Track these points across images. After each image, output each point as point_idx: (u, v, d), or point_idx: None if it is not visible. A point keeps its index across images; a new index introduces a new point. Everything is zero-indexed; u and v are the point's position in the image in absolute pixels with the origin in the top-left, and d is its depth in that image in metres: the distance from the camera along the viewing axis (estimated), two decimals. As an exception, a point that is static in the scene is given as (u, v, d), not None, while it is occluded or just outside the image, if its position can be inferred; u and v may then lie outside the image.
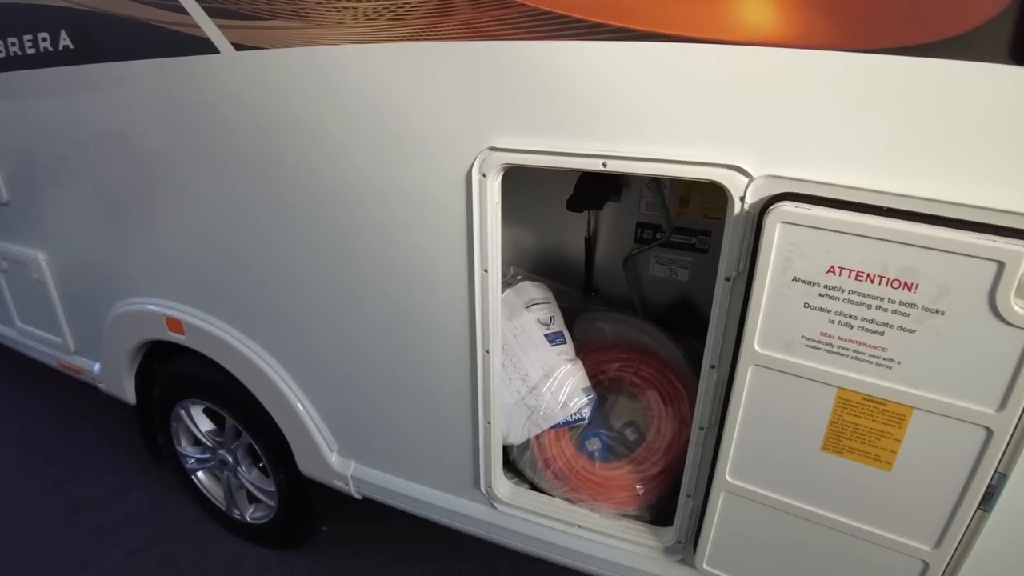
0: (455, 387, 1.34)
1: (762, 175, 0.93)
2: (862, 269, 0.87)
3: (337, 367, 1.52)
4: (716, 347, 1.07)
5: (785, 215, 0.89)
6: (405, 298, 1.31)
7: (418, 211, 1.21)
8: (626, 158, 1.00)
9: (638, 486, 1.35)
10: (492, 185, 1.11)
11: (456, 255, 1.21)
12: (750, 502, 1.10)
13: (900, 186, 0.86)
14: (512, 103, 1.05)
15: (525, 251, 1.77)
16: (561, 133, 1.03)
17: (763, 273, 0.93)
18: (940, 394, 0.89)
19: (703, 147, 0.96)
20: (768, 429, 1.03)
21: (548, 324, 1.44)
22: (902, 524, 0.99)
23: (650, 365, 1.42)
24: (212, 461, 2.08)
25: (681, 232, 1.59)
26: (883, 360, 0.90)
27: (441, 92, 1.09)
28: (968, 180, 0.84)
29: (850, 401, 0.95)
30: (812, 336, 0.94)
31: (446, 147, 1.13)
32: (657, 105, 0.96)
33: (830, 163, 0.90)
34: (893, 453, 0.95)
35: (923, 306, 0.85)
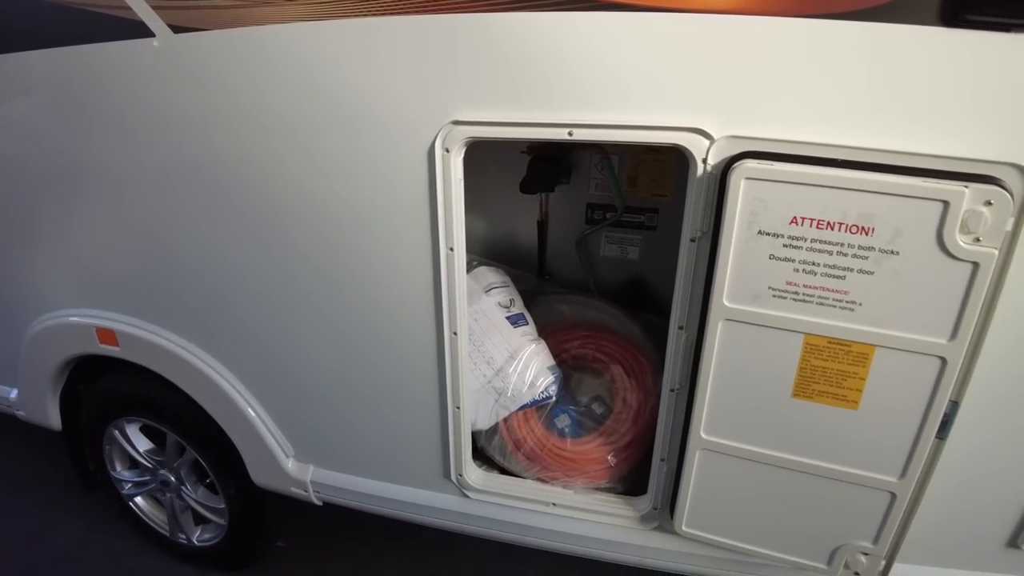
0: (422, 373, 1.33)
1: (723, 136, 0.98)
2: (823, 218, 0.92)
3: (291, 365, 1.47)
4: (683, 308, 1.10)
5: (749, 171, 0.93)
6: (367, 283, 1.29)
7: (380, 192, 1.19)
8: (591, 126, 1.02)
9: (610, 457, 1.37)
10: (455, 161, 1.11)
11: (420, 235, 1.20)
12: (726, 457, 1.14)
13: (853, 139, 0.92)
14: (474, 75, 1.05)
15: (478, 238, 1.77)
16: (525, 104, 1.05)
17: (729, 229, 0.97)
18: (899, 330, 0.95)
19: (665, 112, 1.00)
20: (740, 382, 1.07)
21: (508, 307, 1.45)
22: (870, 460, 1.06)
23: (611, 341, 1.45)
24: (152, 483, 1.96)
25: (630, 211, 1.64)
26: (846, 303, 0.96)
27: (400, 67, 1.08)
28: (913, 131, 0.91)
29: (817, 346, 1.00)
30: (778, 286, 0.98)
31: (408, 123, 1.12)
32: (619, 73, 0.99)
33: (787, 121, 0.95)
34: (859, 392, 1.01)
35: (880, 248, 0.91)
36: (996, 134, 0.89)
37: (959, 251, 0.88)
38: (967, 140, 0.90)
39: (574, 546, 1.42)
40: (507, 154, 1.58)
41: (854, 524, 1.13)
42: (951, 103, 0.90)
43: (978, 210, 0.86)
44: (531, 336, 1.43)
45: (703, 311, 1.05)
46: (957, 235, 0.88)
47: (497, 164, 1.61)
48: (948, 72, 0.89)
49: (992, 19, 0.85)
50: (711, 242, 1.01)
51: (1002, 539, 1.21)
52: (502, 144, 1.12)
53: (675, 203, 1.60)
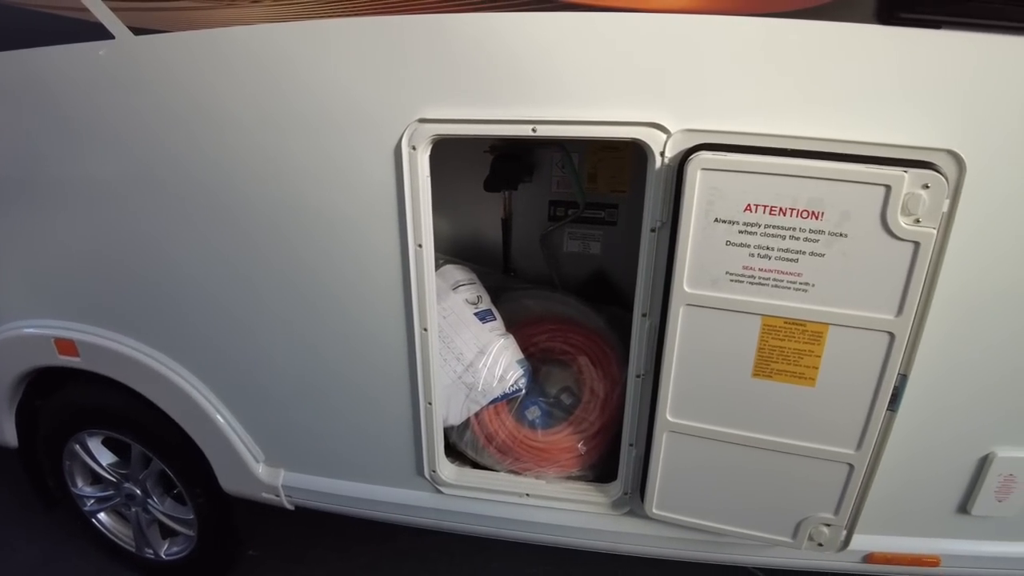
0: (392, 370, 1.34)
1: (679, 130, 1.02)
2: (776, 204, 0.97)
3: (259, 368, 1.46)
4: (646, 295, 1.15)
5: (705, 162, 0.98)
6: (336, 281, 1.30)
7: (348, 191, 1.20)
8: (554, 122, 1.06)
9: (580, 445, 1.40)
10: (422, 158, 1.13)
11: (388, 232, 1.21)
12: (691, 438, 1.18)
13: (802, 130, 0.98)
14: (439, 75, 1.08)
15: (444, 237, 1.78)
16: (490, 101, 1.08)
17: (687, 218, 1.02)
18: (849, 308, 1.01)
19: (624, 108, 1.04)
20: (702, 364, 1.12)
21: (476, 303, 1.47)
22: (828, 434, 1.11)
23: (578, 333, 1.49)
24: (116, 498, 1.91)
25: (591, 207, 1.68)
26: (799, 284, 1.01)
27: (367, 68, 1.10)
28: (857, 121, 0.98)
29: (774, 326, 1.05)
30: (735, 271, 1.03)
31: (375, 122, 1.13)
32: (580, 71, 1.03)
33: (740, 114, 1.00)
34: (815, 369, 1.06)
35: (829, 231, 0.97)
36: (931, 123, 0.96)
37: (901, 231, 0.94)
38: (906, 129, 0.97)
39: (548, 535, 1.45)
40: (471, 154, 1.61)
41: (816, 497, 1.19)
42: (890, 95, 0.96)
43: (917, 193, 0.92)
44: (499, 331, 1.46)
45: (665, 298, 1.09)
46: (899, 217, 0.93)
47: (461, 164, 1.64)
48: (887, 66, 0.95)
49: (923, 16, 0.92)
50: (670, 231, 1.05)
51: (953, 505, 1.28)
52: (466, 144, 1.15)
53: (634, 198, 1.65)
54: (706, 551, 1.40)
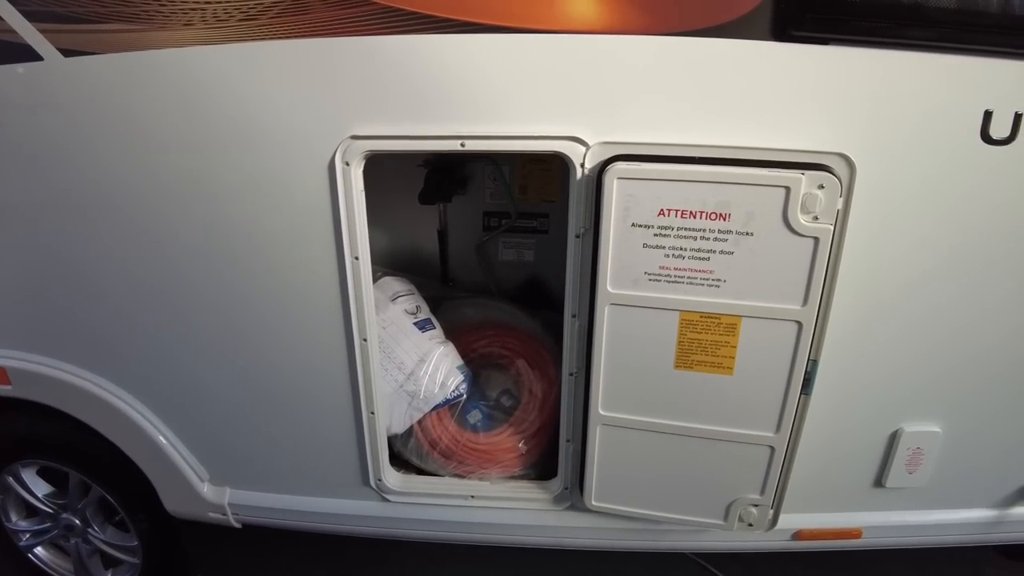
0: (334, 382, 1.36)
1: (597, 142, 1.09)
2: (686, 208, 1.04)
3: (200, 386, 1.46)
4: (575, 297, 1.21)
5: (620, 172, 1.04)
6: (275, 296, 1.31)
7: (284, 207, 1.23)
8: (481, 137, 1.11)
9: (521, 445, 1.45)
10: (356, 173, 1.17)
11: (325, 246, 1.24)
12: (624, 429, 1.25)
13: (709, 139, 1.07)
14: (371, 93, 1.12)
15: (382, 250, 1.82)
16: (420, 118, 1.12)
17: (607, 224, 1.08)
18: (759, 301, 1.10)
19: (545, 123, 1.11)
20: (629, 359, 1.19)
21: (415, 313, 1.51)
22: (748, 419, 1.19)
23: (514, 337, 1.54)
24: (55, 529, 1.85)
25: (523, 216, 1.75)
26: (712, 281, 1.09)
27: (299, 87, 1.13)
28: (758, 129, 1.08)
29: (691, 320, 1.12)
30: (653, 271, 1.10)
31: (308, 139, 1.16)
32: (504, 89, 1.09)
33: (652, 126, 1.09)
34: (732, 359, 1.14)
35: (736, 231, 1.05)
36: (825, 129, 1.06)
37: (801, 228, 1.03)
38: (802, 135, 1.07)
39: (495, 535, 1.49)
40: (406, 168, 1.65)
41: (742, 479, 1.27)
42: (787, 104, 1.06)
43: (814, 193, 1.00)
44: (439, 339, 1.49)
45: (591, 299, 1.15)
46: (799, 215, 1.02)
47: (397, 178, 1.67)
48: (783, 78, 1.05)
49: (812, 34, 1.02)
50: (593, 237, 1.11)
51: (870, 480, 1.39)
52: (400, 158, 1.18)
53: (563, 207, 1.68)
54: (647, 540, 1.46)
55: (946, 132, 1.06)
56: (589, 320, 1.18)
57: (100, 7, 1.13)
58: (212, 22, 1.11)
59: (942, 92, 1.04)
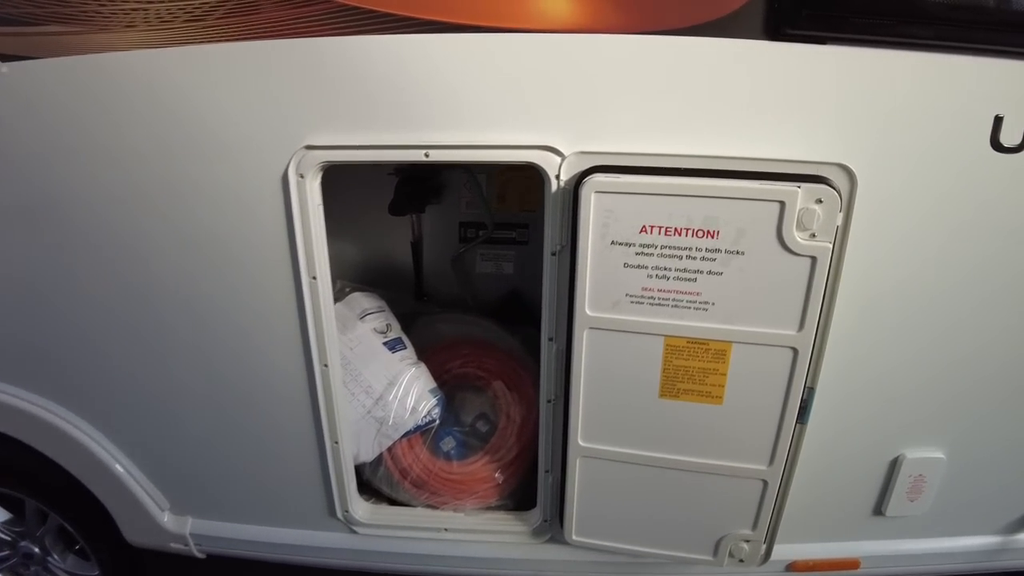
0: (295, 409, 1.27)
1: (573, 152, 0.99)
2: (670, 224, 0.95)
3: (156, 412, 1.36)
4: (551, 319, 1.11)
5: (598, 185, 0.95)
6: (232, 317, 1.22)
7: (238, 222, 1.13)
8: (447, 147, 1.02)
9: (497, 475, 1.36)
10: (311, 186, 1.07)
11: (281, 265, 1.14)
12: (605, 462, 1.16)
13: (695, 148, 0.97)
14: (326, 99, 1.02)
15: (352, 263, 1.72)
16: (380, 126, 1.03)
17: (584, 242, 0.99)
18: (751, 325, 1.00)
19: (518, 131, 1.01)
20: (610, 387, 1.09)
21: (385, 332, 1.41)
22: (739, 451, 1.10)
23: (491, 357, 1.45)
24: (13, 559, 1.76)
25: (502, 227, 1.64)
26: (699, 304, 0.99)
27: (249, 93, 1.04)
28: (749, 138, 0.97)
29: (677, 346, 1.03)
30: (635, 292, 1.01)
31: (260, 149, 1.07)
32: (471, 94, 0.99)
33: (632, 135, 0.98)
34: (721, 387, 1.05)
35: (726, 249, 0.95)
36: (822, 137, 0.97)
37: (797, 247, 0.93)
38: (798, 144, 0.97)
39: (470, 569, 1.40)
40: (377, 176, 1.55)
41: (732, 514, 1.17)
42: (781, 110, 0.96)
43: (811, 208, 0.91)
44: (410, 360, 1.40)
45: (569, 321, 1.06)
46: (795, 232, 0.93)
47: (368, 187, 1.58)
48: (776, 82, 0.95)
49: (808, 32, 0.92)
50: (570, 255, 1.02)
51: (868, 508, 1.30)
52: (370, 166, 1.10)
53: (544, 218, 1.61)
54: (630, 574, 1.37)
55: (953, 139, 0.96)
56: (567, 344, 1.08)
57: (36, 8, 1.03)
58: (156, 23, 1.02)
59: (948, 96, 0.94)
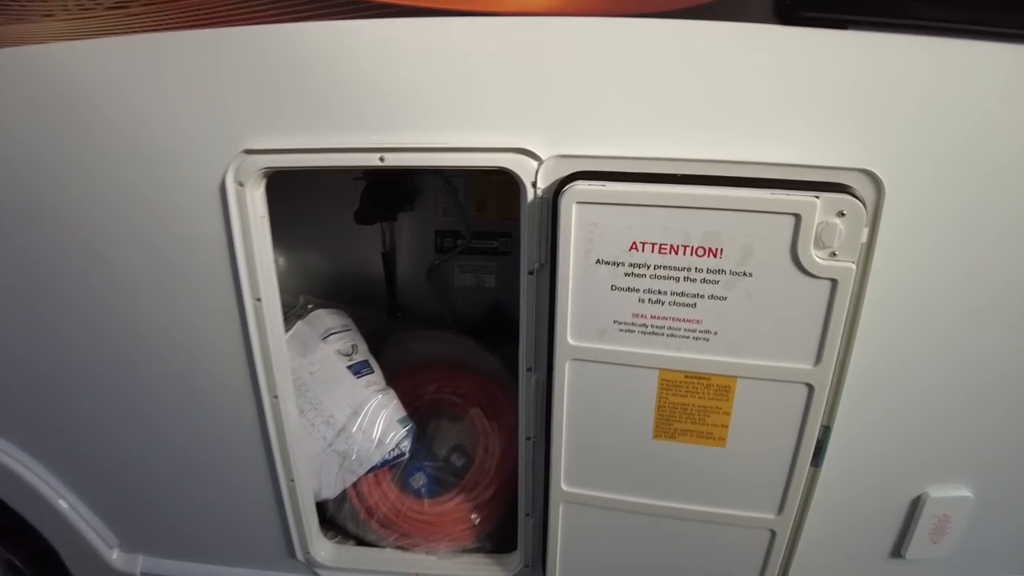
0: (246, 445, 1.13)
1: (551, 156, 0.85)
2: (665, 241, 0.81)
3: (103, 445, 1.23)
4: (530, 347, 0.97)
5: (579, 194, 0.81)
6: (175, 343, 1.08)
7: (174, 236, 0.99)
8: (405, 149, 0.87)
9: (473, 515, 1.21)
10: (253, 195, 0.93)
11: (222, 285, 1.00)
12: (592, 508, 1.02)
13: (693, 151, 0.82)
14: (267, 96, 0.88)
15: (319, 276, 1.57)
16: (328, 126, 0.89)
17: (565, 260, 0.85)
18: (759, 358, 0.86)
19: (488, 132, 0.87)
20: (597, 426, 0.95)
21: (350, 354, 1.27)
22: (745, 499, 0.96)
23: (469, 380, 1.30)
24: (-47, 595, 1.63)
25: (481, 236, 1.50)
26: (700, 333, 0.85)
27: (180, 90, 0.90)
28: (757, 139, 0.82)
29: (673, 381, 0.89)
30: (624, 319, 0.87)
31: (193, 154, 0.93)
32: (432, 87, 0.85)
33: (620, 136, 0.84)
34: (725, 428, 0.91)
35: (730, 270, 0.81)
36: (844, 138, 0.82)
37: (816, 268, 0.79)
38: (814, 146, 0.82)
39: (444, 617, 1.26)
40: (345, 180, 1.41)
41: (736, 566, 1.03)
42: (794, 106, 0.81)
43: (832, 222, 0.77)
44: (377, 386, 1.26)
45: (549, 351, 0.92)
46: (812, 250, 0.79)
47: (334, 191, 1.44)
48: (789, 73, 0.80)
49: (826, 15, 0.77)
50: (550, 274, 0.88)
51: (886, 551, 1.15)
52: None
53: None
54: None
55: (996, 142, 0.82)
56: (548, 376, 0.94)
57: (-58, -3, 0.90)
58: (76, 12, 0.89)
59: (987, 88, 0.79)
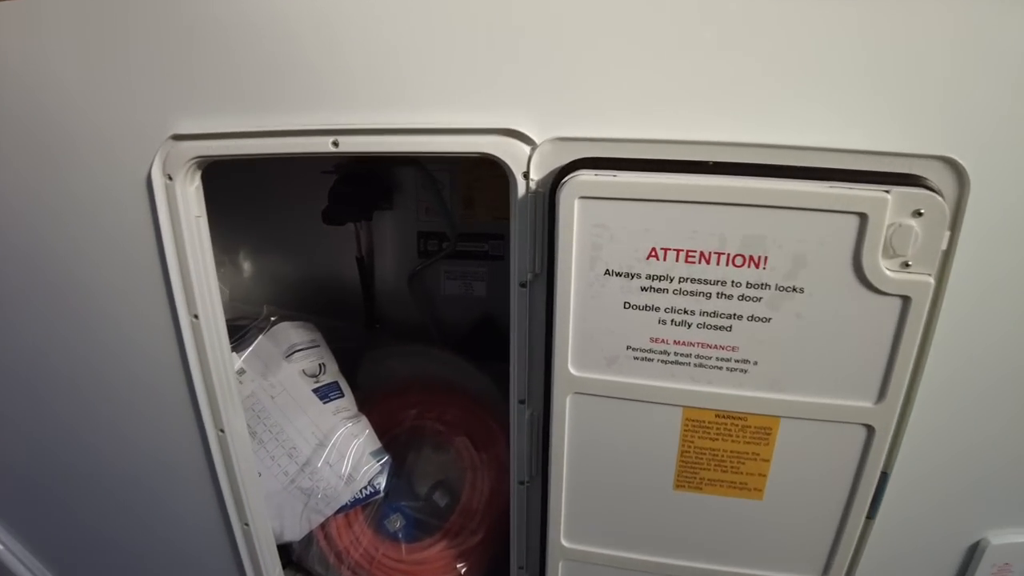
0: (193, 486, 0.96)
1: (547, 139, 0.67)
2: (694, 247, 0.64)
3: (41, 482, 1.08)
4: (522, 376, 0.80)
5: (583, 187, 0.63)
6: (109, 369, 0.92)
7: (97, 241, 0.83)
8: (365, 131, 0.70)
9: (459, 564, 1.04)
10: (185, 191, 0.76)
11: (155, 301, 0.84)
12: (598, 567, 0.84)
13: (729, 133, 0.64)
14: (199, 69, 0.72)
15: (286, 284, 1.40)
16: (273, 104, 0.72)
17: (566, 270, 0.67)
18: (808, 394, 0.69)
19: (467, 109, 0.69)
20: (604, 473, 0.78)
21: (317, 375, 1.10)
22: (783, 559, 0.79)
23: (455, 405, 1.13)
24: None
25: (469, 239, 1.32)
26: (735, 363, 0.68)
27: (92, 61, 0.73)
28: (810, 118, 0.64)
29: (701, 421, 0.72)
30: (641, 345, 0.69)
31: (115, 140, 0.76)
32: (397, 56, 0.68)
33: (636, 111, 0.66)
34: (763, 477, 0.74)
35: (777, 285, 0.64)
36: (918, 117, 0.63)
37: (884, 282, 0.62)
38: (880, 127, 0.64)
39: None
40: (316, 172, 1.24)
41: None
42: (855, 76, 0.63)
43: (906, 224, 0.60)
44: (347, 412, 1.09)
45: (547, 380, 0.74)
46: (880, 260, 0.61)
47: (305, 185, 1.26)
48: (851, 35, 0.62)
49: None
50: (547, 287, 0.71)
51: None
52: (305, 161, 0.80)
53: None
54: None
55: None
56: (545, 411, 0.77)
57: None
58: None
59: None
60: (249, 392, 1.07)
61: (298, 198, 1.28)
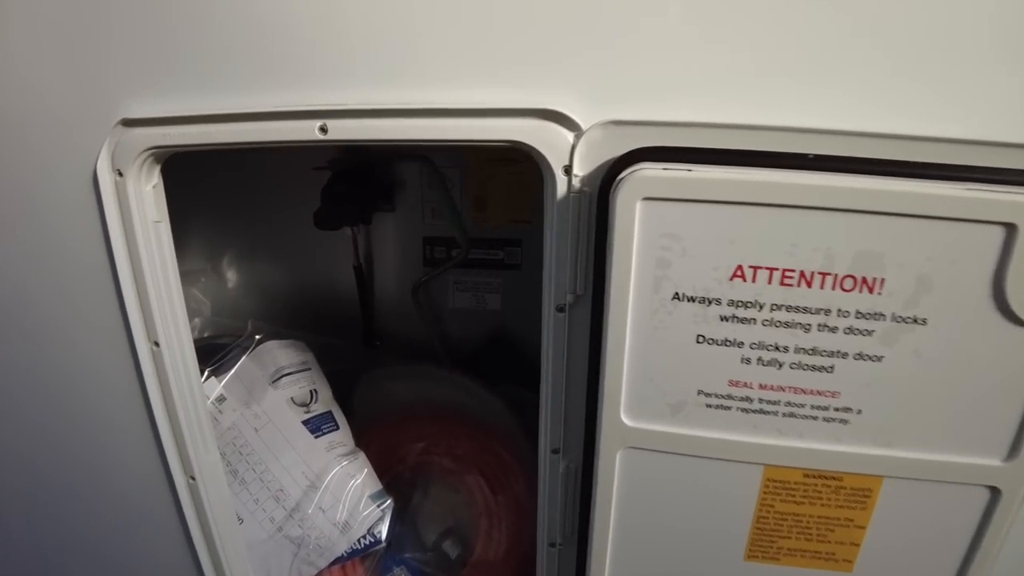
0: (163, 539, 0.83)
1: (598, 123, 0.53)
2: (792, 266, 0.49)
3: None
4: (557, 421, 0.65)
5: (648, 185, 0.49)
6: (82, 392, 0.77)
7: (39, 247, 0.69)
8: (359, 113, 0.55)
9: (473, 629, 0.90)
10: (140, 190, 0.62)
11: (110, 324, 0.70)
12: (645, 650, 0.70)
13: (832, 119, 0.50)
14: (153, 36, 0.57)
15: (277, 296, 1.25)
16: (246, 82, 0.57)
17: (621, 292, 0.53)
18: (921, 450, 0.54)
19: (491, 86, 0.54)
20: (658, 539, 0.64)
21: (308, 404, 0.96)
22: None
23: (466, 436, 0.99)
24: None
25: (482, 245, 1.16)
26: (835, 411, 0.54)
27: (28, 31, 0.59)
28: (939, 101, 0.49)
29: (784, 482, 0.57)
30: (716, 389, 0.55)
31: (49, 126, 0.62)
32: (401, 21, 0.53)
33: (714, 88, 0.51)
34: (855, 547, 0.60)
35: (894, 315, 0.50)
36: None
37: (1029, 310, 0.48)
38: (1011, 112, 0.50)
39: None
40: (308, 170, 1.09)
41: None
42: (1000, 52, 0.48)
43: (1062, 236, 0.46)
44: (342, 449, 0.94)
45: (589, 433, 0.60)
46: (1026, 283, 0.47)
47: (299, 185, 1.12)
48: None
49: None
50: (593, 314, 0.56)
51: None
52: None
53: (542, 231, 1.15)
54: None
55: None
56: (585, 465, 0.63)
57: None
58: None
59: None
60: (230, 423, 0.93)
61: (289, 199, 1.13)
